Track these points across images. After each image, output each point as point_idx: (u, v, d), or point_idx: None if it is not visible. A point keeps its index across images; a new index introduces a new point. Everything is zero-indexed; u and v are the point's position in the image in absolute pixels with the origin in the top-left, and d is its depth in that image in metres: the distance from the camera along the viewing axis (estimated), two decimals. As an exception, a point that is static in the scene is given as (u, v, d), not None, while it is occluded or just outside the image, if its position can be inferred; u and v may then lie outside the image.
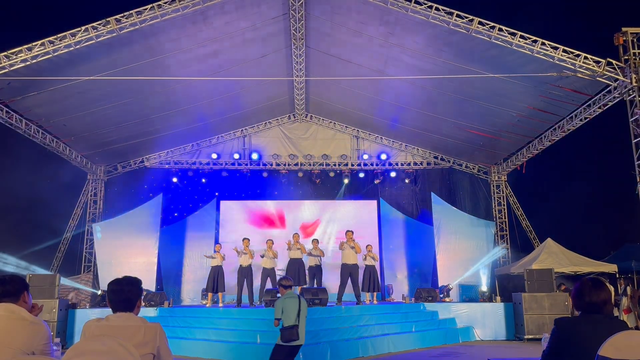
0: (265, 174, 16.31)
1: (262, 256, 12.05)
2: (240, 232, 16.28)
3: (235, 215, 16.49)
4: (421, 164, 16.84)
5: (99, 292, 13.46)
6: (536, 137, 13.82)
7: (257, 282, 12.18)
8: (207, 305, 11.95)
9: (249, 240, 12.39)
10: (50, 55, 9.96)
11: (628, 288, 12.35)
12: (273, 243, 12.46)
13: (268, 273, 11.94)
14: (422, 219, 15.96)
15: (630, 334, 2.46)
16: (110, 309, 2.76)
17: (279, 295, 6.02)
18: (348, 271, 11.59)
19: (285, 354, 5.56)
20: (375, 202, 16.75)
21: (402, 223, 16.23)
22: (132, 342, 2.34)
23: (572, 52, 10.04)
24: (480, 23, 9.96)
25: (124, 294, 2.74)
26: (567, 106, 11.91)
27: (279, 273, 12.13)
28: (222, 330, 9.75)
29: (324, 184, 16.46)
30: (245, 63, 12.73)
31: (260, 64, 13.03)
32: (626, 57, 10.02)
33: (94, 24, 9.87)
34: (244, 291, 11.74)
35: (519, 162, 15.18)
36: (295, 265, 11.87)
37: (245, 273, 11.77)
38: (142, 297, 2.97)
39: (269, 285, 11.79)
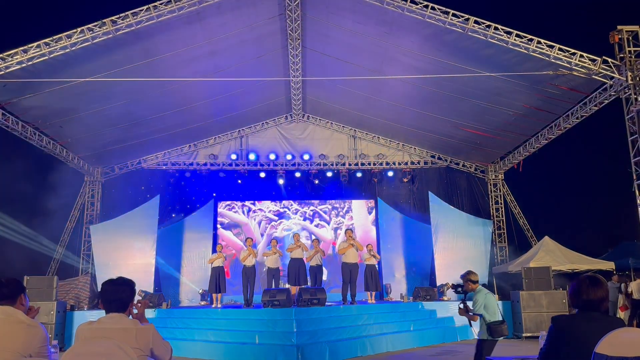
0: (262, 175, 16.30)
1: (266, 256, 12.10)
2: (238, 233, 16.35)
3: (232, 215, 16.52)
4: (418, 163, 16.86)
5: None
6: (533, 136, 13.85)
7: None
8: (218, 307, 11.82)
9: (252, 240, 12.44)
10: (46, 57, 9.93)
11: (623, 285, 12.40)
12: (277, 242, 12.56)
13: (273, 273, 12.01)
14: (419, 218, 15.98)
15: (626, 331, 2.47)
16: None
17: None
18: (349, 269, 11.61)
19: (492, 349, 5.63)
20: (372, 201, 16.79)
21: (400, 222, 16.25)
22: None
23: (568, 51, 10.07)
24: (476, 22, 9.98)
25: (117, 294, 2.75)
26: (563, 104, 11.93)
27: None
28: (220, 331, 9.74)
29: (321, 183, 16.47)
30: (241, 64, 12.72)
31: (256, 64, 13.02)
32: (621, 55, 10.05)
33: (90, 26, 9.85)
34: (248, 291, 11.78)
35: (516, 160, 15.20)
36: (295, 265, 11.86)
37: (250, 273, 11.79)
38: (135, 298, 2.97)
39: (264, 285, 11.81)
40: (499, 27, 9.96)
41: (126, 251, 14.16)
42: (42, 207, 13.31)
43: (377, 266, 12.51)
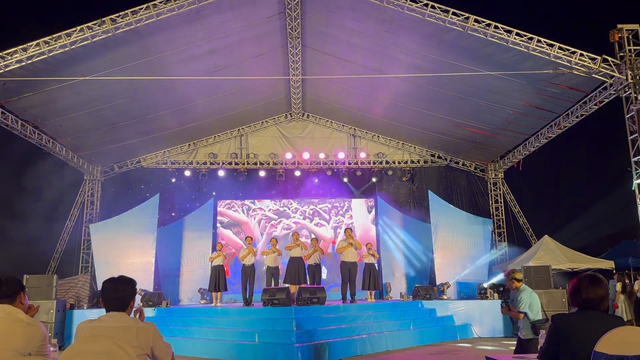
0: (262, 174, 16.29)
1: (265, 254, 12.13)
2: (238, 232, 16.35)
3: (232, 214, 16.53)
4: (418, 162, 16.86)
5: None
6: (532, 135, 13.85)
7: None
8: (218, 306, 11.85)
9: (252, 238, 12.43)
10: (46, 56, 9.91)
11: (619, 285, 12.39)
12: (277, 241, 12.56)
13: (272, 271, 12.01)
14: (419, 216, 15.98)
15: (626, 329, 2.47)
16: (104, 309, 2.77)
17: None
18: (348, 268, 11.62)
19: (537, 347, 5.64)
20: (372, 200, 16.79)
21: (400, 221, 16.25)
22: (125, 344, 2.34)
23: (568, 49, 10.06)
24: (475, 21, 9.97)
25: (118, 293, 2.75)
26: (563, 103, 11.93)
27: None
28: (220, 330, 9.74)
29: (321, 182, 16.46)
30: (241, 62, 12.71)
31: (256, 63, 13.01)
32: (622, 54, 10.05)
33: (89, 24, 9.83)
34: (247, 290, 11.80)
35: (516, 159, 15.20)
36: (295, 264, 11.87)
37: (249, 272, 11.81)
38: (135, 298, 2.95)
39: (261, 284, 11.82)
40: (499, 25, 9.95)
41: (126, 250, 14.16)
42: (41, 205, 13.30)
43: (376, 265, 12.52)
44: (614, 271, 13.31)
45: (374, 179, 16.53)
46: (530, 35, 9.98)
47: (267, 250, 12.41)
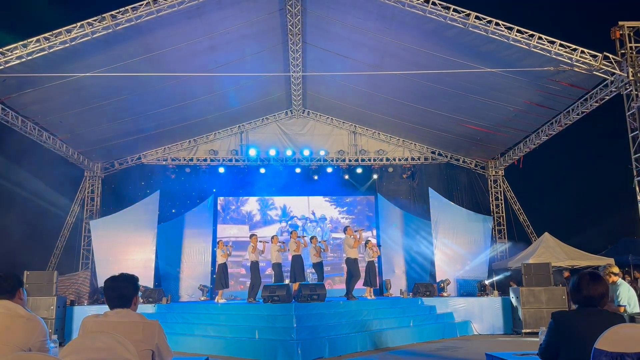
0: (262, 170, 16.29)
1: (262, 252, 12.18)
2: (238, 229, 16.36)
3: (232, 211, 16.53)
4: (419, 159, 16.86)
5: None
6: (533, 132, 13.84)
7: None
8: (220, 302, 11.94)
9: (257, 236, 12.45)
10: (46, 52, 9.90)
11: None
12: (278, 238, 12.60)
13: (274, 268, 12.06)
14: (419, 214, 15.98)
15: (626, 327, 2.47)
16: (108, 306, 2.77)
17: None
18: (351, 264, 11.66)
19: None
20: (373, 197, 16.79)
21: (400, 218, 16.26)
22: (131, 339, 2.34)
23: (569, 47, 10.04)
24: (476, 18, 9.95)
25: (119, 291, 2.75)
26: (564, 100, 11.92)
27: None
28: (220, 326, 9.75)
29: (322, 179, 16.46)
30: (241, 59, 12.70)
31: (257, 59, 12.99)
32: (623, 51, 10.04)
33: (90, 20, 9.82)
34: (247, 287, 11.85)
35: (516, 156, 15.20)
36: (295, 262, 11.90)
37: (255, 268, 11.86)
38: (140, 294, 2.96)
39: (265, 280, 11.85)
40: (500, 22, 9.94)
41: (126, 246, 14.17)
42: (42, 202, 13.31)
43: (375, 262, 12.54)
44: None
45: (374, 176, 16.52)
46: (531, 32, 9.96)
47: (274, 247, 12.40)
